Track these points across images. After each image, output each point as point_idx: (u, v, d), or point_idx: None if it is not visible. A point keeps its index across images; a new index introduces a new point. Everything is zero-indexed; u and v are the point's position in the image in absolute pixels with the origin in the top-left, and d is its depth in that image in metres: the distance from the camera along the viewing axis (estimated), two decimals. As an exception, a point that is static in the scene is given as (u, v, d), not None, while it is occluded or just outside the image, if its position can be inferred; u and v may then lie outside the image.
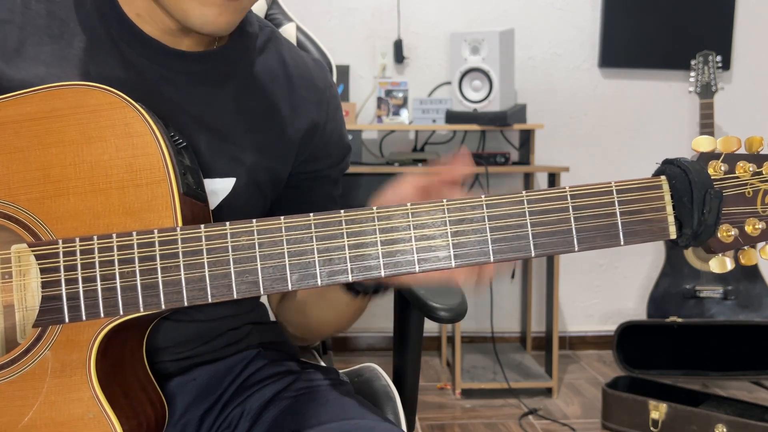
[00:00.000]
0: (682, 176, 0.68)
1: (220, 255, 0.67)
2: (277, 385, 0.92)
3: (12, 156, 0.71)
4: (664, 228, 0.68)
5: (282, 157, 0.94)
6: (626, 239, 0.68)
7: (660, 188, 0.68)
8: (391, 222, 0.68)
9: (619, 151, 3.39)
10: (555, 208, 0.68)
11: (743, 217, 0.69)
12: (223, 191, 0.88)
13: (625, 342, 2.79)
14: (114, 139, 0.71)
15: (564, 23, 3.34)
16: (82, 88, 0.71)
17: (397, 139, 3.29)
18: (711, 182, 0.68)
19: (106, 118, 0.71)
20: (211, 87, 0.88)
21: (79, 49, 0.81)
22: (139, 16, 0.84)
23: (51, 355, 0.69)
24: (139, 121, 0.71)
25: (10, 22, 0.80)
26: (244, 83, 0.91)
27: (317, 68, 1.01)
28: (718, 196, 0.67)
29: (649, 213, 0.68)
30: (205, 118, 0.87)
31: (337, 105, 1.01)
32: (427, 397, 2.82)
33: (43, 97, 0.71)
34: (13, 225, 0.71)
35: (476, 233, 0.68)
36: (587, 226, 0.68)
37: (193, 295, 0.68)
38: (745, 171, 0.69)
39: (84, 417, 0.69)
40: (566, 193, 0.68)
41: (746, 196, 0.69)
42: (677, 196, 0.68)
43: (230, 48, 0.90)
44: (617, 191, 0.68)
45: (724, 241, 0.69)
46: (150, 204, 0.70)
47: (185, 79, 0.86)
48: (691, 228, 0.68)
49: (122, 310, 0.68)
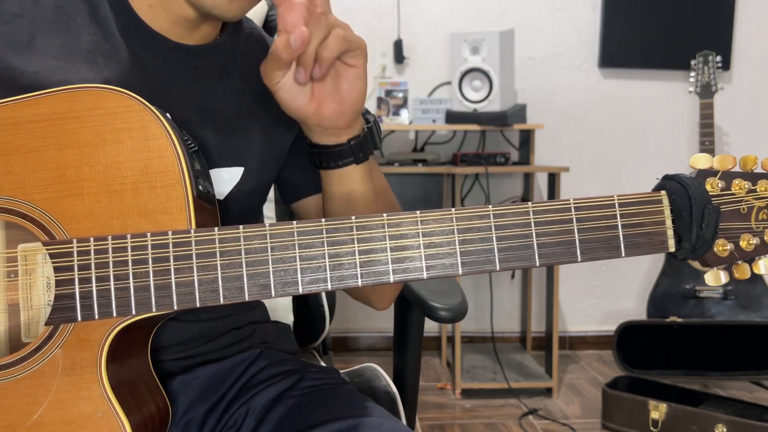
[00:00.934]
0: (681, 192, 0.71)
1: (232, 257, 0.68)
2: (282, 384, 0.93)
3: (28, 156, 0.72)
4: (663, 241, 0.71)
5: (283, 134, 0.96)
6: (627, 251, 0.70)
7: (660, 203, 0.71)
8: (401, 229, 0.69)
9: (618, 151, 3.40)
10: (559, 219, 0.70)
11: (738, 232, 0.72)
12: (232, 180, 0.90)
13: (625, 342, 2.79)
14: (130, 142, 0.71)
15: (564, 23, 3.35)
16: (99, 91, 0.72)
17: (397, 139, 3.29)
18: (709, 198, 0.71)
19: (122, 120, 0.72)
20: (214, 78, 0.90)
21: (86, 42, 0.82)
22: (151, 7, 0.84)
23: (62, 353, 0.69)
24: (156, 124, 0.72)
25: (20, 16, 0.81)
26: (243, 72, 0.93)
27: None
28: (716, 211, 0.70)
29: (649, 226, 0.71)
30: (211, 109, 0.88)
31: None
32: (427, 397, 2.83)
33: (60, 99, 0.72)
34: (28, 224, 0.71)
35: (483, 242, 0.69)
36: (590, 238, 0.70)
37: (206, 297, 0.68)
38: (740, 188, 0.72)
39: (93, 415, 0.69)
40: (570, 205, 0.70)
41: (741, 212, 0.72)
42: (677, 210, 0.71)
43: (227, 40, 0.92)
44: (619, 204, 0.71)
45: (720, 255, 0.72)
46: (164, 206, 0.71)
47: (189, 73, 0.88)
48: (689, 242, 0.71)
49: (135, 310, 0.68)
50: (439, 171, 2.95)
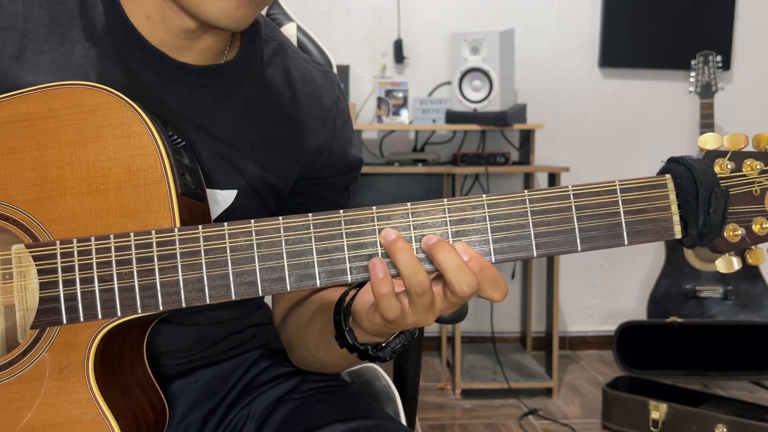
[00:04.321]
0: (687, 175, 0.66)
1: (218, 256, 0.67)
2: (282, 387, 0.92)
3: (8, 157, 0.71)
4: (669, 228, 0.67)
5: (285, 174, 0.92)
6: (630, 239, 0.67)
7: (665, 187, 0.67)
8: (391, 222, 0.67)
9: (619, 151, 3.39)
10: (557, 207, 0.66)
11: (750, 216, 0.67)
12: (224, 202, 0.87)
13: (625, 342, 2.78)
14: (111, 140, 0.70)
15: (564, 23, 3.34)
16: (78, 88, 0.71)
17: (397, 139, 3.28)
18: (717, 181, 0.66)
19: (103, 118, 0.70)
20: (214, 100, 0.86)
21: (80, 56, 0.80)
22: (149, 19, 0.81)
23: (49, 356, 0.69)
24: (137, 121, 0.70)
25: (11, 29, 0.79)
26: (248, 99, 0.89)
27: (326, 83, 0.97)
28: (724, 195, 0.66)
29: (653, 212, 0.67)
30: (208, 129, 0.85)
31: (345, 120, 0.98)
32: (427, 397, 2.82)
33: (40, 97, 0.71)
34: (11, 226, 0.70)
35: (477, 233, 0.67)
36: (590, 226, 0.66)
37: (191, 296, 0.67)
38: (752, 169, 0.67)
39: (82, 419, 0.68)
40: (569, 192, 0.67)
41: (754, 194, 0.67)
42: (682, 195, 0.67)
43: (236, 63, 0.88)
44: (621, 190, 0.67)
45: (731, 241, 0.67)
46: (148, 205, 0.70)
47: (187, 91, 0.84)
48: (696, 228, 0.67)
49: (120, 312, 0.68)
50: (439, 171, 2.95)
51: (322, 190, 0.98)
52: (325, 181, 0.97)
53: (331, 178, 0.98)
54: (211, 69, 0.86)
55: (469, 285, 0.65)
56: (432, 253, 0.65)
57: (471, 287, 0.65)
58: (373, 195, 2.90)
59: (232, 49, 0.88)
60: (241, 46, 0.89)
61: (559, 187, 0.67)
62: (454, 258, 0.65)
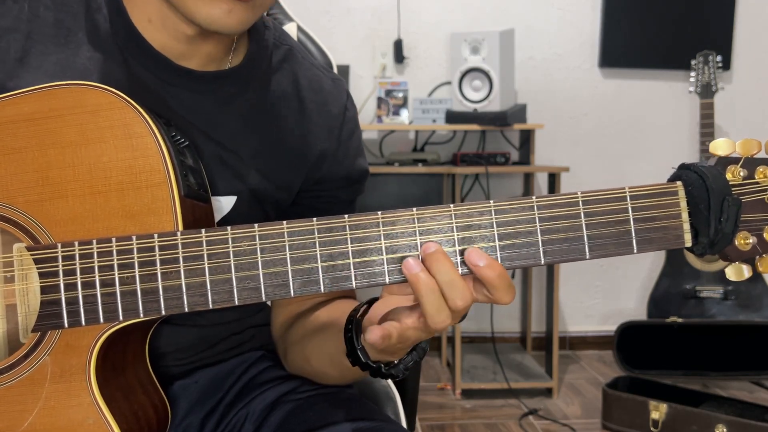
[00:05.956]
0: (699, 182, 0.65)
1: (221, 260, 0.66)
2: (281, 388, 0.92)
3: (9, 157, 0.70)
4: (679, 236, 0.65)
5: (287, 182, 0.91)
6: (639, 247, 0.65)
7: (675, 194, 0.66)
8: (397, 228, 0.65)
9: (619, 151, 3.39)
10: (566, 214, 0.65)
11: (762, 224, 0.66)
12: (224, 208, 0.86)
13: (625, 342, 2.78)
14: (113, 141, 0.70)
15: (564, 23, 3.34)
16: (80, 88, 0.70)
17: (397, 139, 3.28)
18: (729, 189, 0.65)
19: (105, 118, 0.70)
20: (217, 106, 0.85)
21: (85, 58, 0.79)
22: (151, 23, 0.81)
23: (50, 360, 0.68)
24: (139, 122, 0.70)
25: (15, 31, 0.78)
26: (253, 105, 0.88)
27: (334, 91, 0.95)
28: (736, 203, 0.64)
29: (663, 220, 0.65)
30: (210, 134, 0.84)
31: (352, 130, 0.96)
32: (427, 398, 2.82)
33: (41, 97, 0.70)
34: (12, 228, 0.70)
35: (484, 240, 0.65)
36: (599, 234, 0.65)
37: (194, 301, 0.66)
38: (765, 176, 0.65)
39: (84, 423, 0.68)
40: (578, 198, 0.65)
41: (766, 202, 0.65)
42: (693, 203, 0.65)
43: (240, 69, 0.87)
44: (631, 197, 0.65)
45: (742, 249, 0.66)
46: (150, 207, 0.69)
47: (190, 96, 0.83)
48: (707, 236, 0.65)
49: (122, 316, 0.67)
50: (439, 171, 2.95)
51: (324, 203, 0.96)
52: (328, 194, 0.96)
53: (335, 191, 0.96)
54: (214, 75, 0.85)
55: (463, 299, 0.64)
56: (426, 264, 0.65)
57: (465, 301, 0.64)
58: (373, 195, 2.90)
59: (238, 55, 0.88)
60: (247, 52, 0.88)
61: (567, 193, 0.66)
62: (447, 271, 0.64)
